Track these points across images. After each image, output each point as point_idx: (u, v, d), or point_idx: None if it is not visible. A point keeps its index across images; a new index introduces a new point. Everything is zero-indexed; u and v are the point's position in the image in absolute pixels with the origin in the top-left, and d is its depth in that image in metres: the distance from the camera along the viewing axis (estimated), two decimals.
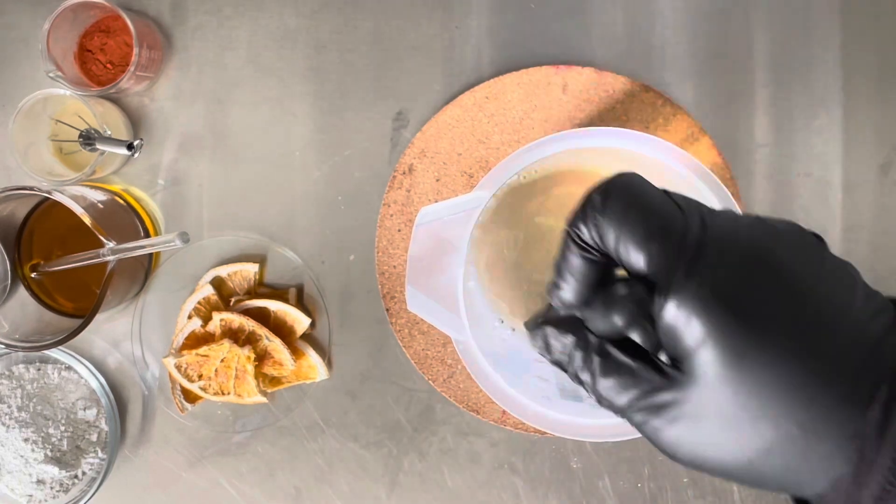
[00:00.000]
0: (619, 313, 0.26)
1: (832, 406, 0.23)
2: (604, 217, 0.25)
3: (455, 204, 0.43)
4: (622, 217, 0.25)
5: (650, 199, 0.25)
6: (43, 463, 0.54)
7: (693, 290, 0.23)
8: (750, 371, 0.23)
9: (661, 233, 0.25)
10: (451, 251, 0.44)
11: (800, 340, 0.23)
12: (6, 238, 0.52)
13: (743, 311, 0.23)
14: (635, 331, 0.26)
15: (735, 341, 0.23)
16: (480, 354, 0.44)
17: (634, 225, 0.25)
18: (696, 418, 0.24)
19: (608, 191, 0.26)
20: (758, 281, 0.23)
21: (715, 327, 0.23)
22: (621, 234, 0.25)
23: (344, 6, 0.56)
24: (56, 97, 0.52)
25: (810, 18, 0.55)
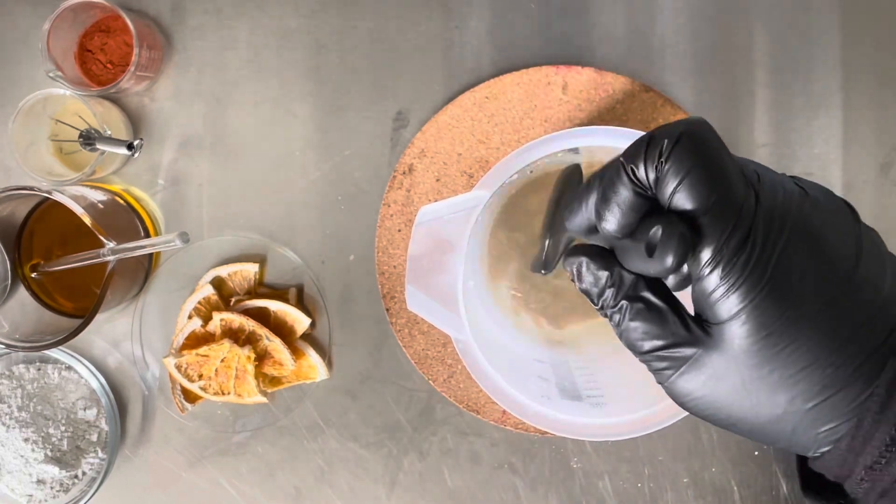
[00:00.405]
0: (659, 258, 0.25)
1: (845, 382, 0.24)
2: (668, 163, 0.25)
3: (455, 203, 0.43)
4: (688, 169, 0.24)
5: (718, 159, 0.25)
6: (43, 463, 0.54)
7: (740, 266, 0.24)
8: (775, 349, 0.24)
9: (723, 196, 0.24)
10: (451, 251, 0.44)
11: (827, 322, 0.24)
12: (6, 238, 0.52)
13: (780, 293, 0.24)
14: (670, 277, 0.26)
15: (767, 320, 0.24)
16: (480, 354, 0.44)
17: (697, 184, 0.24)
18: (715, 379, 0.25)
19: (678, 138, 0.25)
20: (799, 261, 0.24)
21: (752, 305, 0.24)
22: (682, 186, 0.25)
23: (344, 6, 0.56)
24: (56, 97, 0.52)
25: (810, 18, 0.55)
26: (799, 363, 0.24)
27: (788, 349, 0.24)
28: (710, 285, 0.24)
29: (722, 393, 0.25)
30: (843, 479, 0.26)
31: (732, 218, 0.24)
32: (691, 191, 0.24)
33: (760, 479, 0.56)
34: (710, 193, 0.24)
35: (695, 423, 0.56)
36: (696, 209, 0.24)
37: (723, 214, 0.24)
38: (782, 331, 0.24)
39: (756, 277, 0.24)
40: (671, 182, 0.25)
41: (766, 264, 0.24)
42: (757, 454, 0.56)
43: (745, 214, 0.24)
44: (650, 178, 0.25)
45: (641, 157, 0.25)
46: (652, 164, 0.25)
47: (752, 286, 0.24)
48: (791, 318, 0.24)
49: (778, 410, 0.25)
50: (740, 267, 0.24)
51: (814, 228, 0.25)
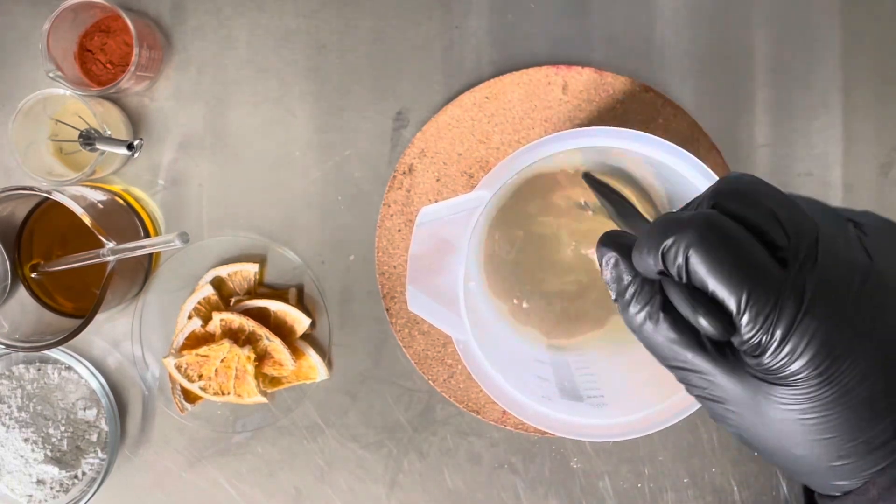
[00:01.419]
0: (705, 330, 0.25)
1: (875, 445, 0.24)
2: (688, 276, 0.25)
3: (455, 204, 0.43)
4: (705, 280, 0.24)
5: (734, 253, 0.24)
6: (43, 463, 0.54)
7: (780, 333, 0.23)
8: (827, 414, 0.24)
9: (751, 293, 0.24)
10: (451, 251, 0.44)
11: (879, 391, 0.24)
12: (6, 238, 0.52)
13: (840, 338, 0.23)
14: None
15: (831, 387, 0.24)
16: (481, 354, 0.44)
17: (722, 287, 0.24)
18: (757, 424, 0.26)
19: (687, 251, 0.24)
20: (851, 309, 0.23)
21: (816, 352, 0.23)
22: (712, 290, 0.24)
23: (344, 6, 0.56)
24: (56, 97, 0.52)
25: (810, 18, 0.55)
26: (841, 414, 0.24)
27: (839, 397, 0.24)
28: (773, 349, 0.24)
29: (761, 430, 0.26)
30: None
31: (767, 309, 0.23)
32: (721, 294, 0.24)
33: (760, 479, 0.56)
34: (738, 294, 0.24)
35: (695, 423, 0.56)
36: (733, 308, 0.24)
37: (756, 311, 0.24)
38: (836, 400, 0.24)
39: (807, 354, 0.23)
40: (697, 278, 0.25)
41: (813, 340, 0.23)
42: (757, 454, 0.56)
43: (785, 300, 0.23)
44: (664, 270, 0.26)
45: (654, 254, 0.25)
46: (668, 263, 0.25)
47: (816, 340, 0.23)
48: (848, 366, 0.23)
49: (810, 455, 0.25)
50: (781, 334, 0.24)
51: (876, 305, 0.24)
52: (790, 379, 0.24)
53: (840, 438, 0.24)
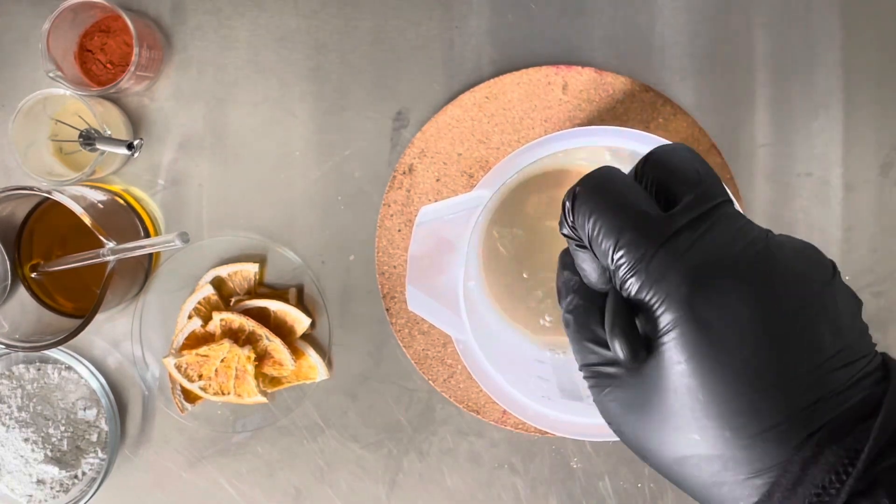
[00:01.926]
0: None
1: (766, 438, 0.22)
2: (576, 219, 0.26)
3: (455, 203, 0.43)
4: (590, 217, 0.25)
5: (616, 196, 0.25)
6: (43, 463, 0.54)
7: (658, 290, 0.24)
8: (701, 375, 0.23)
9: (628, 231, 0.24)
10: (451, 251, 0.44)
11: (747, 365, 0.23)
12: (6, 238, 0.52)
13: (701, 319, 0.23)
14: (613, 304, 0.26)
15: (685, 345, 0.23)
16: (481, 354, 0.44)
17: (603, 224, 0.25)
18: (639, 406, 0.25)
19: (575, 192, 0.26)
20: (730, 293, 0.23)
21: (671, 329, 0.23)
22: (593, 234, 0.25)
23: (344, 6, 0.56)
24: (56, 97, 0.52)
25: (810, 18, 0.55)
26: (723, 395, 0.23)
27: (717, 376, 0.23)
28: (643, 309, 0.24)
29: (642, 421, 0.25)
30: None
31: (641, 247, 0.24)
32: (600, 235, 0.25)
33: None
34: (615, 231, 0.25)
35: None
36: (611, 249, 0.25)
37: (631, 245, 0.24)
38: (700, 361, 0.23)
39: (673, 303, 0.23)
40: (584, 234, 0.26)
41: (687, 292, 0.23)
42: None
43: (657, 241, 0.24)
44: (576, 235, 0.27)
45: (563, 221, 0.27)
46: (569, 224, 0.27)
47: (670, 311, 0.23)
48: (709, 351, 0.23)
49: (694, 448, 0.24)
50: (658, 293, 0.24)
51: (757, 268, 0.23)
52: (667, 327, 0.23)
53: (728, 410, 0.23)
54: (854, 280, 0.55)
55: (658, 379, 0.24)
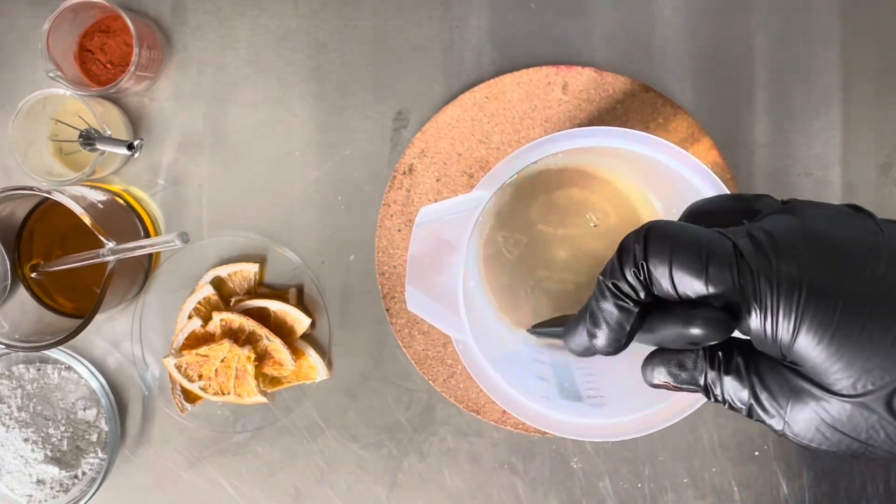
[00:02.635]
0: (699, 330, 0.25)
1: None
2: (650, 260, 0.25)
3: (455, 204, 0.43)
4: (669, 254, 0.25)
5: (690, 231, 0.26)
6: (43, 463, 0.54)
7: (766, 293, 0.24)
8: (850, 339, 0.23)
9: (714, 256, 0.25)
10: (451, 251, 0.44)
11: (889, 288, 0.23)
12: (6, 238, 0.52)
13: (819, 287, 0.24)
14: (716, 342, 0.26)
15: (823, 318, 0.23)
16: (480, 354, 0.44)
17: (684, 257, 0.25)
18: (818, 405, 0.25)
19: (646, 236, 0.26)
20: (820, 257, 0.24)
21: (801, 315, 0.24)
22: (675, 269, 0.25)
23: (344, 6, 0.56)
24: (56, 97, 0.52)
25: (810, 18, 0.55)
26: (885, 339, 0.23)
27: (866, 331, 0.23)
28: (758, 326, 0.24)
29: (836, 413, 0.25)
30: None
31: (732, 262, 0.24)
32: (683, 267, 0.25)
33: (760, 479, 0.56)
34: (700, 258, 0.25)
35: (695, 423, 0.56)
36: (698, 277, 0.25)
37: (722, 266, 0.24)
38: (846, 320, 0.23)
39: (787, 290, 0.24)
40: (663, 272, 0.25)
41: (790, 274, 0.24)
42: (757, 454, 0.56)
43: (741, 254, 0.24)
44: (642, 282, 0.26)
45: (619, 268, 0.26)
46: (631, 269, 0.26)
47: (788, 299, 0.24)
48: (845, 305, 0.23)
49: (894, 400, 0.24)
50: (766, 291, 0.24)
51: (816, 225, 0.25)
52: (796, 312, 0.24)
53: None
54: None
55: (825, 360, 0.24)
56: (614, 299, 0.27)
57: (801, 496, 0.56)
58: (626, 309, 0.27)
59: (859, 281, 0.24)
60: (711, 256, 0.25)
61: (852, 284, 0.24)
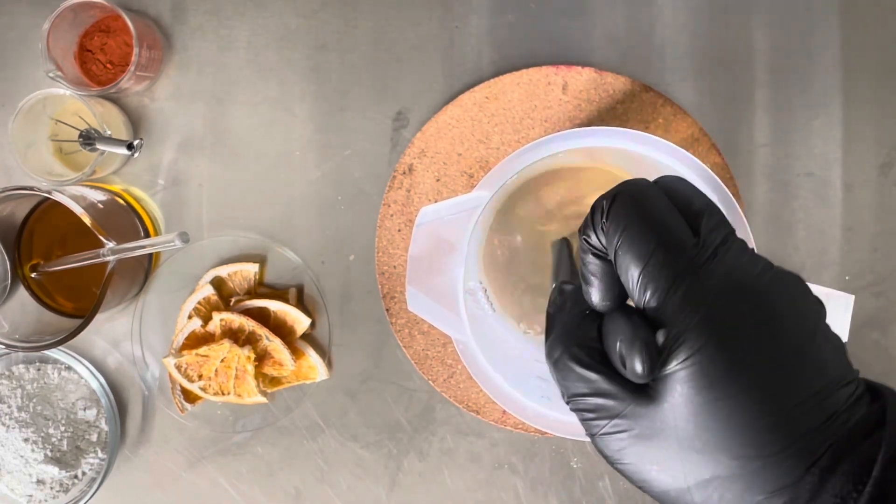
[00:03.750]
0: (631, 371, 0.25)
1: (778, 459, 0.23)
2: (608, 223, 0.25)
3: (455, 204, 0.43)
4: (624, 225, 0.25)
5: (655, 210, 0.25)
6: (43, 463, 0.54)
7: (684, 317, 0.24)
8: (715, 400, 0.23)
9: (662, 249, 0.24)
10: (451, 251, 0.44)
11: (769, 387, 0.23)
12: (6, 238, 0.52)
13: (726, 344, 0.23)
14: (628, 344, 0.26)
15: (709, 372, 0.23)
16: (480, 354, 0.44)
17: (635, 238, 0.25)
18: (649, 436, 0.25)
19: (614, 198, 0.26)
20: (749, 321, 0.24)
21: (698, 355, 0.23)
22: (622, 242, 0.25)
23: (344, 6, 0.56)
24: (56, 97, 0.52)
25: (810, 18, 0.55)
26: (732, 421, 0.23)
27: (729, 403, 0.23)
28: (659, 337, 0.24)
29: (654, 452, 0.25)
30: None
31: (673, 268, 0.24)
32: (631, 246, 0.25)
33: None
34: (647, 247, 0.24)
35: None
36: (636, 264, 0.25)
37: (663, 265, 0.24)
38: (725, 384, 0.23)
39: (700, 329, 0.23)
40: (613, 240, 0.25)
41: (715, 318, 0.24)
42: None
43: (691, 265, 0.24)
44: (602, 242, 0.26)
45: (589, 225, 0.26)
46: (599, 228, 0.26)
47: (697, 337, 0.23)
48: (733, 373, 0.23)
49: (706, 472, 0.24)
50: (686, 318, 0.24)
51: (771, 300, 0.24)
52: (695, 351, 0.23)
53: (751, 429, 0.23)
54: (854, 280, 0.55)
55: (677, 406, 0.24)
56: (590, 250, 0.27)
57: None
58: (607, 259, 0.27)
59: (764, 363, 0.23)
60: (657, 252, 0.24)
61: (755, 365, 0.23)
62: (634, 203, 0.25)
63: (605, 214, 0.26)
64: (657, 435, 0.24)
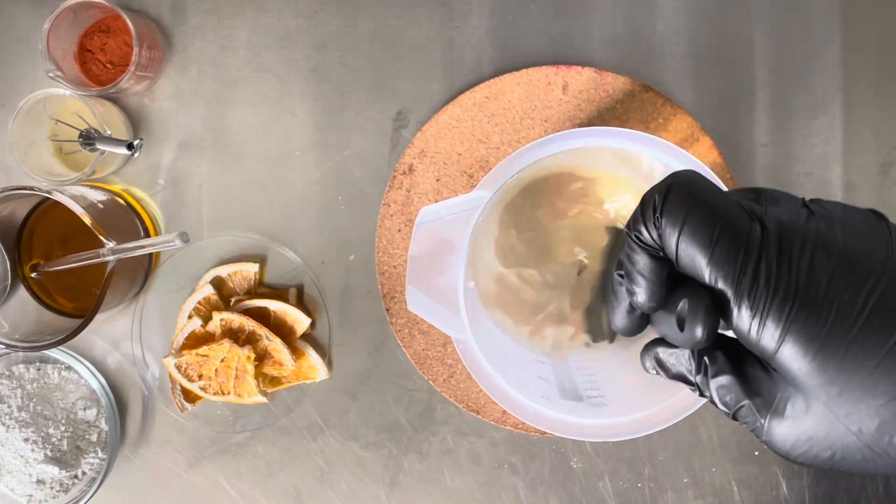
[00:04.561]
0: (689, 332, 0.25)
1: None
2: (664, 218, 0.25)
3: (455, 204, 0.43)
4: (683, 218, 0.25)
5: (712, 200, 0.25)
6: (43, 463, 0.54)
7: (762, 292, 0.23)
8: (835, 358, 0.23)
9: (725, 237, 0.24)
10: (451, 251, 0.44)
11: (880, 315, 0.23)
12: (6, 238, 0.52)
13: (814, 302, 0.23)
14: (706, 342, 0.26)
15: (812, 332, 0.23)
16: (480, 354, 0.44)
17: (696, 227, 0.24)
18: (801, 415, 0.24)
19: (668, 190, 0.25)
20: (823, 269, 0.23)
21: (790, 323, 0.23)
22: (683, 236, 0.25)
23: (344, 6, 0.56)
24: (56, 97, 0.52)
25: (810, 18, 0.55)
26: (868, 362, 0.23)
27: (851, 352, 0.23)
28: (745, 324, 0.24)
29: (813, 427, 0.24)
30: None
31: (741, 248, 0.24)
32: (692, 238, 0.24)
33: (760, 479, 0.56)
34: (711, 234, 0.24)
35: (695, 423, 0.56)
36: (703, 253, 0.24)
37: (730, 247, 0.24)
38: (834, 335, 0.23)
39: (783, 295, 0.23)
40: (672, 235, 0.25)
41: (789, 280, 0.23)
42: (757, 454, 0.56)
43: (753, 244, 0.24)
44: (655, 238, 0.25)
45: (640, 220, 0.26)
46: (651, 224, 0.25)
47: (781, 304, 0.23)
48: (836, 320, 0.23)
49: (873, 422, 0.23)
50: (763, 290, 0.23)
51: (829, 238, 0.24)
52: (786, 320, 0.23)
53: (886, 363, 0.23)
54: None
55: (805, 375, 0.24)
56: (643, 250, 0.26)
57: (801, 496, 0.56)
58: (657, 258, 0.26)
59: (855, 299, 0.23)
60: (723, 235, 0.24)
61: (848, 302, 0.23)
62: (689, 191, 0.25)
63: (659, 210, 0.25)
64: (809, 410, 0.24)
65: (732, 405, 0.26)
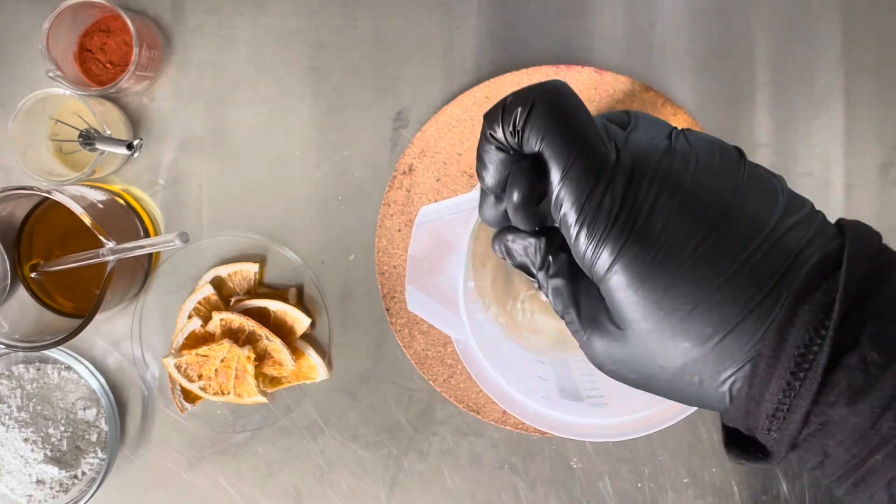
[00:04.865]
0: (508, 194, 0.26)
1: (735, 320, 0.23)
2: (525, 130, 0.25)
3: (455, 203, 0.43)
4: (542, 136, 0.25)
5: (575, 122, 0.25)
6: (43, 463, 0.54)
7: (602, 220, 0.24)
8: (656, 295, 0.23)
9: (581, 157, 0.24)
10: (451, 251, 0.44)
11: (705, 260, 0.23)
12: (6, 238, 0.52)
13: (648, 238, 0.23)
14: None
15: (640, 268, 0.24)
16: (480, 354, 0.44)
17: (553, 148, 0.25)
18: (613, 337, 0.25)
19: (532, 106, 0.25)
20: (665, 207, 0.24)
21: (622, 255, 0.24)
22: (543, 151, 0.25)
23: (344, 6, 0.56)
24: (56, 97, 0.52)
25: (810, 18, 0.55)
26: (685, 306, 0.23)
27: (671, 293, 0.23)
28: (581, 246, 0.24)
29: (624, 352, 0.25)
30: (753, 431, 0.25)
31: (592, 176, 0.24)
32: (550, 156, 0.25)
33: (760, 479, 0.56)
34: (567, 156, 0.24)
35: (695, 423, 0.56)
36: (555, 173, 0.25)
37: (581, 174, 0.24)
38: (658, 275, 0.23)
39: (620, 228, 0.24)
40: (533, 143, 0.25)
41: (630, 214, 0.24)
42: None
43: (604, 171, 0.24)
44: (510, 142, 0.26)
45: (498, 122, 0.26)
46: (509, 130, 0.26)
47: (617, 236, 0.24)
48: (663, 261, 0.23)
49: (678, 361, 0.24)
50: (603, 220, 0.24)
51: (678, 175, 0.24)
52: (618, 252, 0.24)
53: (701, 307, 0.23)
54: None
55: (625, 311, 0.24)
56: (494, 144, 0.27)
57: (801, 496, 0.56)
58: (505, 151, 0.27)
59: (687, 242, 0.23)
60: (577, 162, 0.24)
61: (679, 244, 0.23)
62: (554, 113, 0.25)
63: (521, 122, 0.26)
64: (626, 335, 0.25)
65: (561, 309, 0.27)
